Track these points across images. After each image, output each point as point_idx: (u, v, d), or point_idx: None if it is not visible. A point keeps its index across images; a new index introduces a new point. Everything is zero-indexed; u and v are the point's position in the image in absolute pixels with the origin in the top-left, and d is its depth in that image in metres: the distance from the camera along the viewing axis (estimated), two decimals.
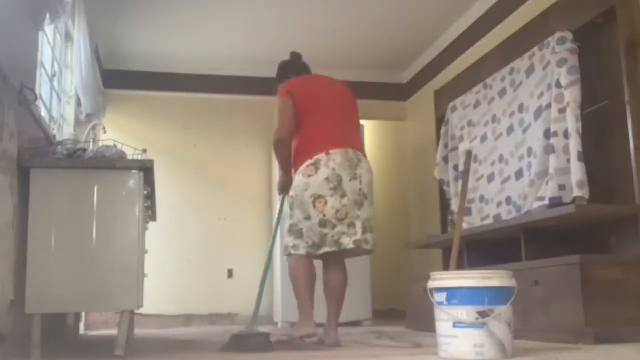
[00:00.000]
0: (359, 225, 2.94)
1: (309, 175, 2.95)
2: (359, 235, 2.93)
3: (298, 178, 3.00)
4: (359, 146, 3.10)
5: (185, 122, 5.92)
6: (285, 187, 3.17)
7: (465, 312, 2.15)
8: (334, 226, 2.91)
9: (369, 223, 3.01)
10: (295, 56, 3.43)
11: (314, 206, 2.92)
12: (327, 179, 2.92)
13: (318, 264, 3.11)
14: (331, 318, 3.05)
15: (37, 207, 2.61)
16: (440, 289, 2.25)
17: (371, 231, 3.02)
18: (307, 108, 3.06)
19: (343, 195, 2.92)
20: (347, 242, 2.92)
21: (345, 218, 2.92)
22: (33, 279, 2.55)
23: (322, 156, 2.95)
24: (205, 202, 5.77)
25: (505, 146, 3.91)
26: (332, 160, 2.94)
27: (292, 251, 2.99)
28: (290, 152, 3.10)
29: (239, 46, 5.54)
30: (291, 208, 3.02)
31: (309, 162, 2.97)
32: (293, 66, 3.38)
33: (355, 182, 2.96)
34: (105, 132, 4.55)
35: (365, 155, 3.11)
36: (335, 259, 3.07)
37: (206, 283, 5.62)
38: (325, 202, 2.91)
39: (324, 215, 2.91)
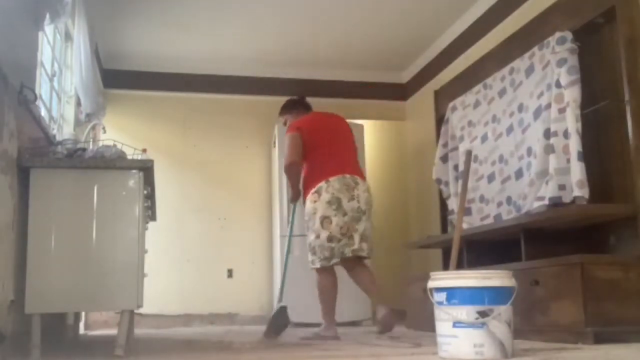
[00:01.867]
0: (356, 237, 3.51)
1: (315, 201, 3.54)
2: (356, 246, 3.51)
3: (307, 205, 3.59)
4: (356, 171, 3.67)
5: (185, 122, 5.91)
6: (293, 198, 3.75)
7: (465, 312, 2.15)
8: (339, 240, 3.49)
9: (366, 234, 3.57)
10: (300, 97, 4.12)
11: (322, 226, 3.49)
12: (329, 202, 3.49)
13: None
14: (373, 298, 3.65)
15: (37, 207, 2.61)
16: (440, 289, 2.25)
17: (367, 241, 3.57)
18: (312, 143, 3.64)
19: (345, 214, 3.50)
20: (348, 251, 3.50)
21: (347, 232, 3.50)
22: (33, 279, 2.55)
23: (322, 184, 3.52)
24: (205, 202, 5.77)
25: (506, 146, 3.91)
26: (331, 187, 3.51)
27: (311, 265, 3.56)
28: (299, 175, 3.67)
29: (239, 46, 5.54)
30: (307, 230, 3.60)
31: (313, 190, 3.56)
32: (302, 104, 4.04)
33: (354, 202, 3.53)
34: (105, 132, 4.54)
35: (363, 177, 3.68)
36: (352, 264, 3.60)
37: (206, 283, 5.62)
38: (331, 221, 3.48)
39: (330, 232, 3.48)
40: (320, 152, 3.61)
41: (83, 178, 2.69)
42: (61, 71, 4.21)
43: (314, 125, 3.73)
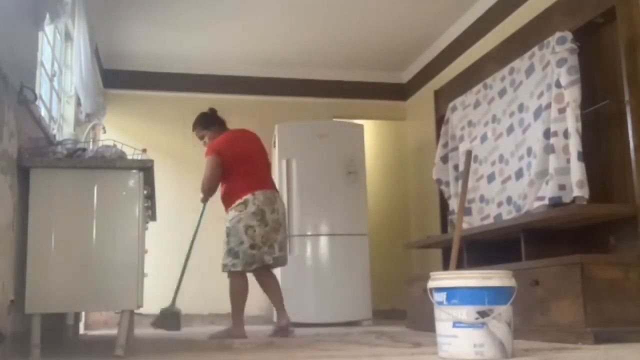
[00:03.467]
0: (276, 246, 3.90)
1: (240, 211, 3.85)
2: (277, 254, 3.90)
3: (232, 213, 3.88)
4: (274, 187, 4.08)
5: (185, 122, 5.88)
6: (205, 199, 4.16)
7: (465, 312, 2.15)
8: (260, 248, 3.83)
9: (283, 244, 3.99)
10: (213, 111, 4.28)
11: (246, 233, 3.81)
12: (254, 213, 3.83)
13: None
14: (278, 305, 3.97)
15: (37, 207, 2.61)
16: (440, 289, 2.25)
17: (284, 249, 3.99)
18: (234, 161, 3.94)
19: (266, 225, 3.85)
20: (268, 259, 3.86)
21: (267, 241, 3.85)
22: (33, 279, 2.54)
23: (249, 196, 3.86)
24: None
25: (506, 146, 3.91)
26: (257, 199, 3.86)
27: (232, 269, 3.83)
28: (214, 191, 4.05)
29: (239, 46, 5.54)
30: (228, 236, 3.87)
31: (239, 201, 3.87)
32: (217, 120, 4.22)
33: (275, 214, 3.91)
34: (105, 132, 4.54)
35: (277, 191, 4.08)
36: (265, 272, 4.00)
37: (206, 283, 5.61)
38: (255, 230, 3.82)
39: (254, 240, 3.81)
40: (242, 169, 3.94)
41: (83, 178, 2.69)
42: (61, 71, 4.21)
43: (232, 144, 4.04)
